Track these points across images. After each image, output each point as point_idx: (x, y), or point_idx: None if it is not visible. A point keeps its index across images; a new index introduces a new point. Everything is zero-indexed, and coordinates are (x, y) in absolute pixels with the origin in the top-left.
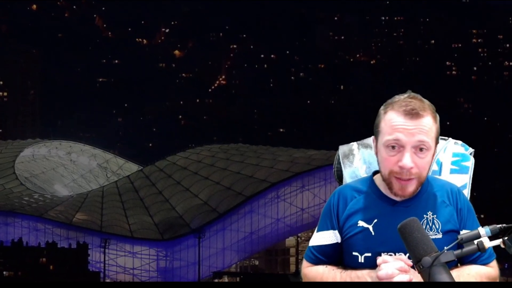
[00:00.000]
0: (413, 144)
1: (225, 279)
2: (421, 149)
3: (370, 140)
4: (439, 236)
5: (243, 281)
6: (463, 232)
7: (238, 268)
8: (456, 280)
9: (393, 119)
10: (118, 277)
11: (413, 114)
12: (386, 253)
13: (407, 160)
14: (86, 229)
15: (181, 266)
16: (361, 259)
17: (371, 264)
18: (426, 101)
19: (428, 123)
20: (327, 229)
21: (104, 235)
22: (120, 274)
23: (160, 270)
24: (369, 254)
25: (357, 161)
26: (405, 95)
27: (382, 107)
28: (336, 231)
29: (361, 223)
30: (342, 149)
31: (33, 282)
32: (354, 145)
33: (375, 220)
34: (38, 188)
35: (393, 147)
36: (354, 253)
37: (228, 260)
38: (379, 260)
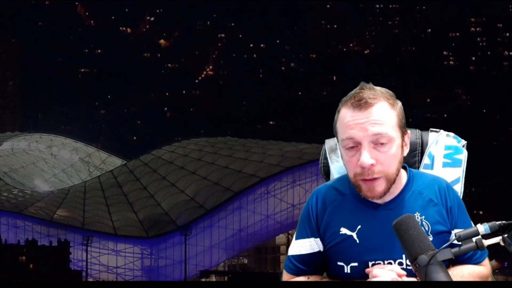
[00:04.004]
0: (369, 139)
1: (213, 278)
2: (381, 143)
3: None
4: (430, 238)
5: (231, 280)
6: (457, 231)
7: (226, 266)
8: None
9: (343, 116)
10: (101, 276)
11: (361, 105)
12: (373, 262)
13: (365, 157)
14: (67, 226)
15: (167, 264)
16: (347, 269)
17: (359, 275)
18: (380, 89)
19: (382, 111)
20: (307, 237)
21: (87, 232)
22: (103, 273)
23: (145, 269)
24: (356, 264)
25: None
26: (356, 88)
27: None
28: (318, 239)
29: (344, 230)
30: (329, 143)
31: (12, 282)
32: None
33: (359, 227)
34: (18, 183)
35: (351, 147)
36: (339, 263)
37: (216, 259)
38: (370, 274)
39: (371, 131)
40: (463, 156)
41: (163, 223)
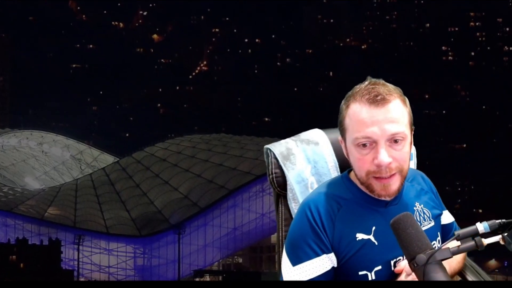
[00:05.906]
0: (386, 138)
1: (207, 278)
2: (396, 141)
3: (309, 134)
4: (432, 223)
5: (225, 280)
6: (444, 214)
7: (221, 266)
8: (449, 263)
9: (357, 112)
10: (93, 275)
11: (378, 101)
12: (394, 260)
13: (383, 155)
14: (58, 225)
15: (160, 264)
16: (371, 276)
17: (385, 277)
18: (391, 85)
19: (398, 107)
20: (316, 256)
21: (78, 231)
22: (95, 272)
23: (138, 268)
24: (379, 267)
25: (300, 162)
26: (366, 83)
27: (343, 102)
28: (331, 254)
29: (360, 236)
30: (278, 149)
31: (2, 282)
32: (289, 142)
33: (374, 228)
34: (8, 181)
35: (364, 144)
36: (361, 273)
37: (210, 258)
38: (406, 268)
39: (389, 131)
40: (413, 150)
41: (156, 221)
